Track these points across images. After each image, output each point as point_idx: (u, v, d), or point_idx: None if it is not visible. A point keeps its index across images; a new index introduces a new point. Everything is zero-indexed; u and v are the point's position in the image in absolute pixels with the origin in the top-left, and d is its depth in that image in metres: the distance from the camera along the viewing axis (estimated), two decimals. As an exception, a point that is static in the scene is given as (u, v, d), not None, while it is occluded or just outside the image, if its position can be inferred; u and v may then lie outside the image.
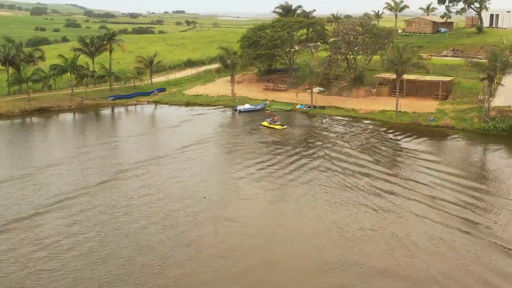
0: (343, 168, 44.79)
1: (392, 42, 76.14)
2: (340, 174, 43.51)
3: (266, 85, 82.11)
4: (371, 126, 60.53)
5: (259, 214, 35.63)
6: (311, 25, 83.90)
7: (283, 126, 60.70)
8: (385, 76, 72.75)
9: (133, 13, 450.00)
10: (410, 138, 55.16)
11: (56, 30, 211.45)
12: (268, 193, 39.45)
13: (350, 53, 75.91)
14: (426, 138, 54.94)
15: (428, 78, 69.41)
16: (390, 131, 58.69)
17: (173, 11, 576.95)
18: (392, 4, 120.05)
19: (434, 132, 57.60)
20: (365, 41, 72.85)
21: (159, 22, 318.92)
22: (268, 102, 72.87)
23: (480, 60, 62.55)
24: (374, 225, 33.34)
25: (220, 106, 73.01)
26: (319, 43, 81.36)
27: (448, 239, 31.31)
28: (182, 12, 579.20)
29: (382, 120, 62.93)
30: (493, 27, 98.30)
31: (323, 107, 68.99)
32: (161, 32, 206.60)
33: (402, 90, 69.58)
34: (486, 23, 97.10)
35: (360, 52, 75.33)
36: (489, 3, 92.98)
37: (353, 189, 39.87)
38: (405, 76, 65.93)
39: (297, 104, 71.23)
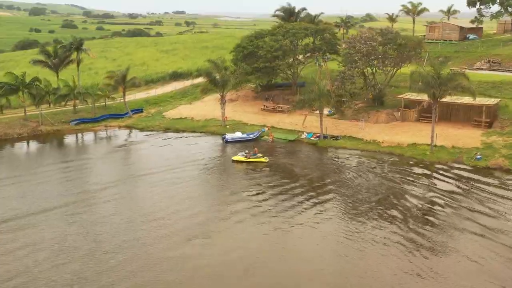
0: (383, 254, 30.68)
1: (424, 54, 62.08)
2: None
3: (264, 105, 67.97)
4: (400, 167, 46.22)
5: None
6: (319, 33, 69.69)
7: (265, 158, 47.85)
8: (412, 98, 58.55)
9: (133, 13, 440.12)
10: (457, 185, 40.86)
11: (51, 32, 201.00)
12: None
13: (368, 67, 61.63)
14: (480, 187, 40.51)
15: (466, 100, 55.16)
16: (426, 172, 44.59)
17: (173, 12, 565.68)
18: (409, 6, 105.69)
19: (485, 176, 43.31)
20: (388, 54, 58.48)
21: (158, 23, 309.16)
22: (266, 128, 58.68)
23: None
24: None
25: (207, 134, 58.93)
26: (328, 54, 67.16)
27: None
28: (182, 12, 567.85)
29: (413, 158, 48.64)
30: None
31: (335, 138, 54.74)
32: (158, 33, 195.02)
33: (423, 108, 55.67)
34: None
35: (381, 66, 60.92)
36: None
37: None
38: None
39: (302, 132, 57.03)
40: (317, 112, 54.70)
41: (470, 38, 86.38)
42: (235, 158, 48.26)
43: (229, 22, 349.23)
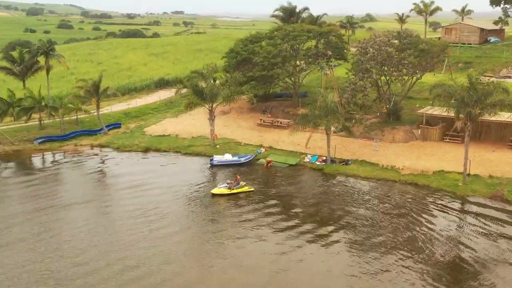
0: None
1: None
2: None
3: (261, 119, 58.95)
4: (428, 204, 37.15)
5: None
6: (323, 35, 60.59)
7: (249, 187, 39.40)
8: (435, 113, 49.50)
9: (131, 13, 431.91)
10: (500, 231, 31.84)
11: (47, 32, 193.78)
12: None
13: (382, 77, 52.56)
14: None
15: (502, 117, 46.02)
16: (460, 211, 35.60)
17: (171, 12, 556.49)
18: (421, 5, 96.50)
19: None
20: (408, 61, 49.30)
21: (156, 23, 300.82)
22: (263, 150, 49.72)
23: None
24: None
25: (193, 155, 49.92)
26: (333, 60, 58.07)
27: None
28: (181, 12, 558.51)
29: (442, 190, 39.58)
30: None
31: (345, 162, 45.68)
32: (155, 34, 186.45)
33: (457, 133, 46.71)
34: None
35: (397, 75, 51.77)
36: None
37: None
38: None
39: (306, 154, 47.99)
40: (323, 129, 45.69)
41: (491, 41, 77.34)
42: (215, 191, 39.21)
43: (228, 23, 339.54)
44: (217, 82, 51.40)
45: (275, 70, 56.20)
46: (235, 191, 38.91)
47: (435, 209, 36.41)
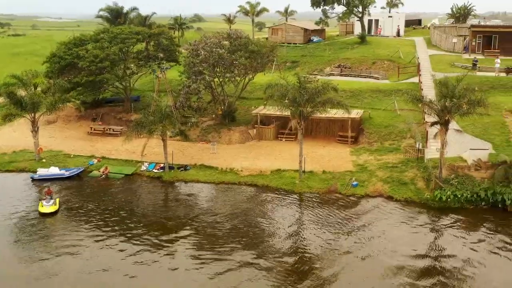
0: None
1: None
2: None
3: (92, 127, 55.26)
4: (268, 204, 37.40)
5: None
6: (154, 37, 58.60)
7: (57, 206, 35.70)
8: (269, 113, 50.34)
9: None
10: (334, 226, 32.93)
11: None
12: None
13: (216, 78, 52.12)
14: (370, 230, 32.94)
15: (330, 113, 48.01)
16: (298, 209, 36.25)
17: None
18: (247, 7, 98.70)
19: (369, 210, 36.15)
20: (239, 62, 49.45)
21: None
22: (95, 160, 46.42)
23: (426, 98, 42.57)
24: None
25: (15, 171, 44.89)
26: (165, 62, 56.37)
27: None
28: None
29: (281, 189, 40.18)
30: (372, 35, 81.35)
31: (184, 168, 44.34)
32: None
33: (290, 131, 47.85)
34: (359, 29, 79.68)
35: (229, 77, 51.72)
36: (374, 6, 75.56)
37: None
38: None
39: (142, 162, 45.69)
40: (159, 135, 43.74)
41: (314, 40, 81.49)
42: (43, 209, 35.44)
43: (50, 23, 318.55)
44: (39, 89, 46.83)
45: (104, 74, 52.85)
46: (44, 210, 35.12)
47: (276, 208, 36.76)
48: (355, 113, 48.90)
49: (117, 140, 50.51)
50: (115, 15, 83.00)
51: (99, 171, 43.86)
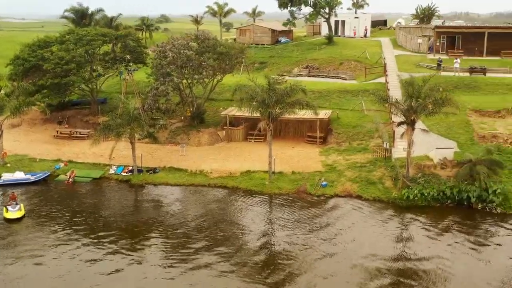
0: None
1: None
2: None
3: (58, 131, 54.35)
4: (238, 206, 37.43)
5: None
6: (120, 39, 57.92)
7: (22, 211, 35.06)
8: (238, 114, 50.22)
9: None
10: (304, 226, 33.11)
11: None
12: None
13: (184, 79, 51.83)
14: (341, 230, 33.22)
15: (299, 114, 48.23)
16: (267, 210, 36.31)
17: None
18: (215, 8, 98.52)
19: (337, 210, 36.55)
20: (208, 64, 49.29)
21: None
22: (62, 164, 45.64)
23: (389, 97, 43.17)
24: None
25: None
26: (132, 64, 55.89)
27: None
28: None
29: (251, 190, 40.21)
30: (339, 36, 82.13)
31: (153, 171, 43.98)
32: None
33: (260, 132, 47.82)
34: (326, 30, 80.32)
35: (198, 78, 51.48)
36: (341, 7, 76.26)
37: None
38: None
39: (110, 165, 45.09)
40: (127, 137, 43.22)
41: (282, 41, 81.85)
42: (8, 215, 34.68)
43: (12, 24, 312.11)
44: (2, 92, 45.82)
45: (70, 77, 52.05)
46: (9, 215, 34.43)
47: (246, 209, 36.81)
48: (324, 114, 49.21)
49: (84, 143, 49.70)
50: (80, 16, 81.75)
51: (66, 175, 43.14)
